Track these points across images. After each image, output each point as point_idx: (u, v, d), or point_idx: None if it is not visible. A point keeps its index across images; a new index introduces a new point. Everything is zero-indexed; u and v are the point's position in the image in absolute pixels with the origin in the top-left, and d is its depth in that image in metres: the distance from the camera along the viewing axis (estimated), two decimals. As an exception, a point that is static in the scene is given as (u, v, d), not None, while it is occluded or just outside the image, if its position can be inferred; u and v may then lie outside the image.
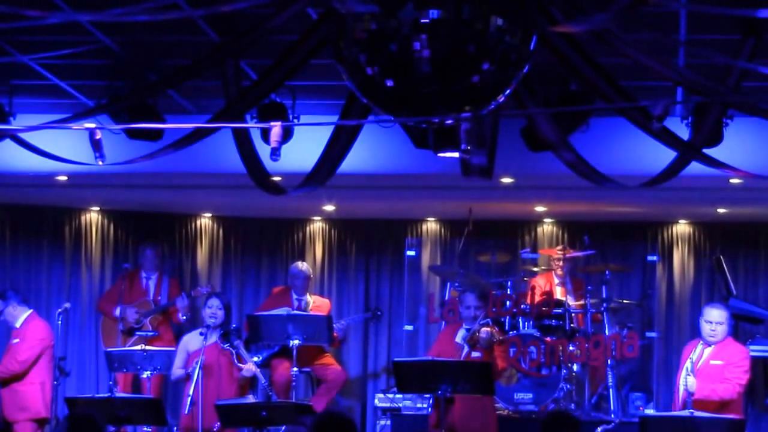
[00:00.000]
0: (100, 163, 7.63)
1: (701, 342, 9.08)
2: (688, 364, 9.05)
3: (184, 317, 12.21)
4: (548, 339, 11.11)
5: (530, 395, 11.14)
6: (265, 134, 7.37)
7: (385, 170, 10.34)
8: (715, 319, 9.01)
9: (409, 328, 13.05)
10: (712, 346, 9.01)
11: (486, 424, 9.68)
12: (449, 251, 13.28)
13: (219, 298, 10.33)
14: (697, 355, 9.06)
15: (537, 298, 11.66)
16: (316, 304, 12.02)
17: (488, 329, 9.58)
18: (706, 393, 8.74)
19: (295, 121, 8.58)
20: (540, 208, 12.73)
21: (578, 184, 8.68)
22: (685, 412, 8.48)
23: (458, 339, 9.88)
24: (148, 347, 10.27)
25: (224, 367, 9.97)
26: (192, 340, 10.13)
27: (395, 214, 13.30)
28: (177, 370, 10.11)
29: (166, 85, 8.31)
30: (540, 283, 12.29)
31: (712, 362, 8.98)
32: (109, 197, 12.63)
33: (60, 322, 11.32)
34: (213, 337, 10.05)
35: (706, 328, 9.04)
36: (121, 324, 12.01)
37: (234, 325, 10.20)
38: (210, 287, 12.48)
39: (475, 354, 9.65)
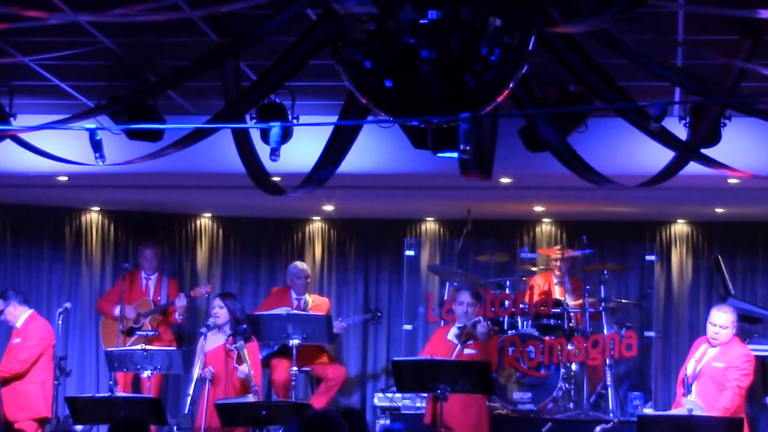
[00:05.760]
0: (101, 163, 7.66)
1: (707, 341, 9.12)
2: (691, 364, 9.10)
3: (181, 317, 12.24)
4: (547, 338, 11.14)
5: (529, 394, 11.16)
6: (265, 134, 7.39)
7: (385, 170, 10.35)
8: (718, 322, 9.02)
9: (408, 327, 13.07)
10: (717, 347, 9.05)
11: (479, 418, 9.77)
12: (448, 251, 13.30)
13: (222, 298, 10.34)
14: (700, 354, 9.10)
15: (536, 298, 11.70)
16: (316, 303, 12.06)
17: (484, 323, 9.75)
18: (709, 406, 8.74)
19: (295, 121, 8.60)
20: (538, 208, 12.76)
21: (577, 184, 8.70)
22: (684, 411, 8.51)
23: (449, 336, 10.00)
24: (148, 347, 10.29)
25: (231, 369, 9.99)
26: (207, 341, 10.12)
27: (394, 214, 13.32)
28: (196, 371, 10.09)
29: (166, 85, 8.33)
30: (539, 282, 12.32)
31: (713, 364, 9.01)
32: (109, 197, 12.65)
33: (60, 322, 11.36)
34: (220, 338, 10.07)
35: (709, 330, 9.07)
36: (121, 324, 12.03)
37: (243, 326, 10.19)
38: (209, 287, 12.52)
39: (468, 350, 9.78)
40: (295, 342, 10.70)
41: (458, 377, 9.04)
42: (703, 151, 8.11)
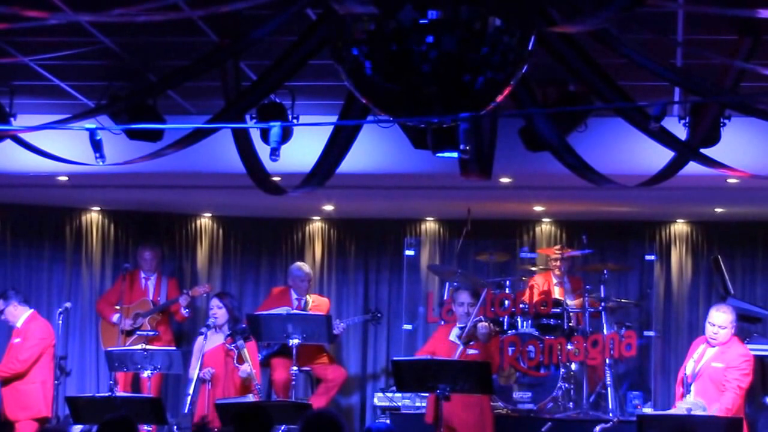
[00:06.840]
0: (101, 163, 7.67)
1: (706, 341, 9.13)
2: (690, 364, 9.10)
3: (188, 311, 12.27)
4: (547, 338, 11.15)
5: (529, 394, 11.18)
6: (265, 134, 7.40)
7: (384, 170, 10.36)
8: (717, 322, 9.03)
9: (408, 327, 13.07)
10: (716, 347, 9.05)
11: (482, 417, 9.79)
12: (448, 251, 13.31)
13: (220, 298, 10.35)
14: (699, 353, 9.11)
15: (535, 298, 11.70)
16: (316, 303, 12.06)
17: (485, 324, 9.76)
18: (709, 406, 8.75)
19: (295, 121, 8.60)
20: (538, 208, 12.76)
21: (576, 183, 8.70)
22: (683, 410, 8.52)
23: (452, 337, 10.02)
24: (148, 347, 10.31)
25: (231, 368, 9.99)
26: (206, 341, 10.13)
27: (394, 214, 13.32)
28: (193, 371, 10.10)
29: (166, 85, 8.33)
30: (538, 282, 12.32)
31: (713, 364, 9.02)
32: (109, 197, 12.66)
33: (61, 322, 11.39)
34: (219, 338, 10.08)
35: (708, 330, 9.08)
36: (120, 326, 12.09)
37: (242, 326, 10.19)
38: (207, 286, 12.53)
39: (471, 351, 9.80)
40: (295, 342, 10.71)
41: (458, 377, 9.04)
42: (703, 151, 8.12)
